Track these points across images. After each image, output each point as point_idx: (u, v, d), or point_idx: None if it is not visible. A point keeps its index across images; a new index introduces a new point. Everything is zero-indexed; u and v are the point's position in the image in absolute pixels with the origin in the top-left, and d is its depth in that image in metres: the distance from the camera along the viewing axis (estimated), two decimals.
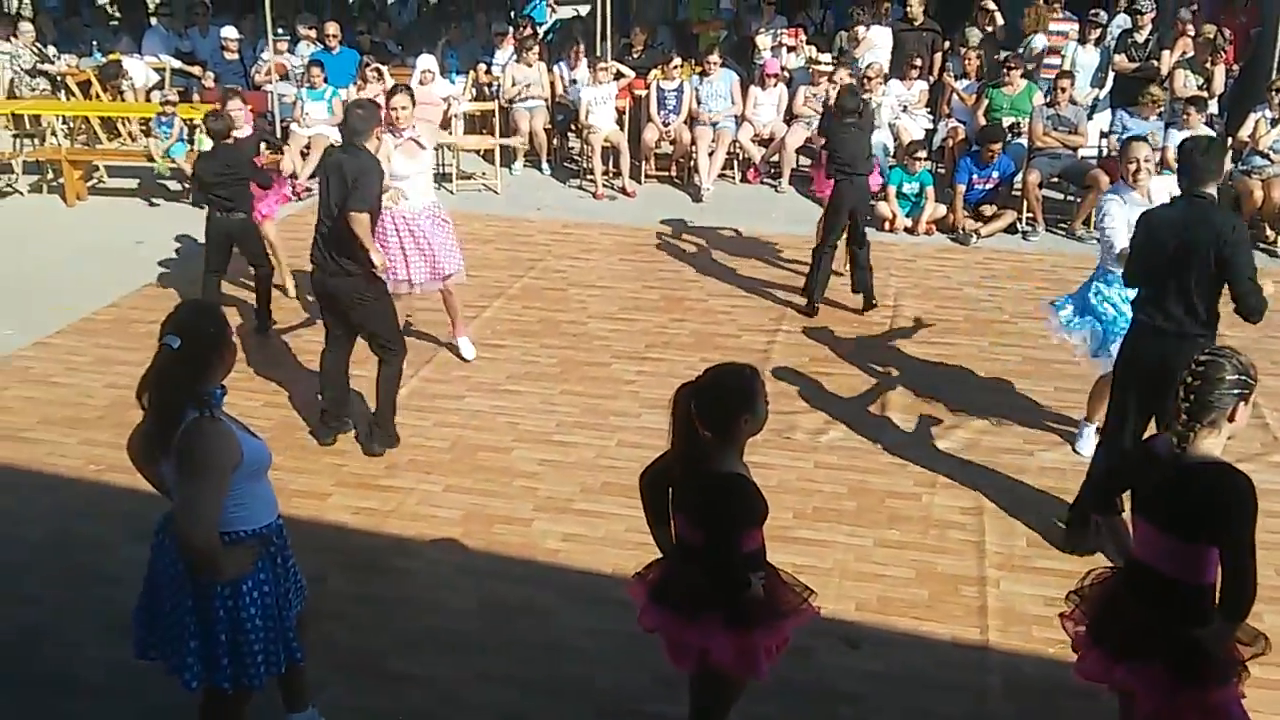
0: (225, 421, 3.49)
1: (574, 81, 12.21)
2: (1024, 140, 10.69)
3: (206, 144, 10.93)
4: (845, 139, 8.27)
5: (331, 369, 6.51)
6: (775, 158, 11.80)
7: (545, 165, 12.47)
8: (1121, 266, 5.59)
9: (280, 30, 12.60)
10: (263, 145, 9.24)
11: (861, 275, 8.54)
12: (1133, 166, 6.06)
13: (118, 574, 5.27)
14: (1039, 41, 11.78)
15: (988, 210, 10.36)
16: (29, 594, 5.19)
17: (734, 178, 12.03)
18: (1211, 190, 5.07)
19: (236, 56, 12.96)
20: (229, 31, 13.01)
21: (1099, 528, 3.84)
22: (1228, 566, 3.27)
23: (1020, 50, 11.83)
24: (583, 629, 4.95)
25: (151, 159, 11.31)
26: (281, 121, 12.11)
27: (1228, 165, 7.94)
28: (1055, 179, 10.77)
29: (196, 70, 13.39)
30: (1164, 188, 6.22)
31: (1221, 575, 3.31)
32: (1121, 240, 5.77)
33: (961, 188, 10.33)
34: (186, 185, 11.23)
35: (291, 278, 8.77)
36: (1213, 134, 9.62)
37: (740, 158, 12.01)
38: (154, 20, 14.89)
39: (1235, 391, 3.35)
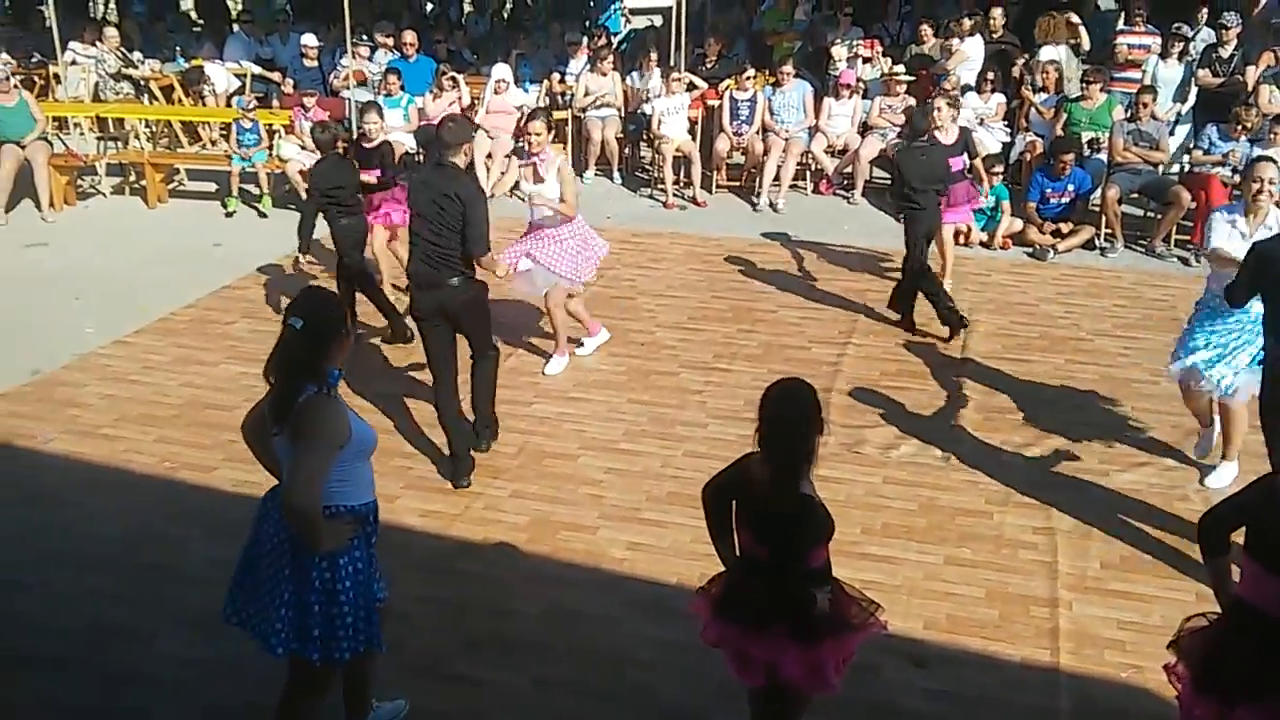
0: (339, 400, 3.70)
1: (646, 91, 12.22)
2: (1103, 155, 10.50)
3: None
4: (913, 163, 8.08)
5: (448, 407, 6.27)
6: (849, 169, 11.71)
7: (616, 174, 12.49)
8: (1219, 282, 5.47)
9: (364, 37, 12.77)
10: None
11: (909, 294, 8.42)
12: (1255, 186, 5.83)
13: (189, 571, 5.38)
14: (1046, 53, 11.58)
15: (1065, 226, 10.19)
16: (101, 588, 5.28)
17: (806, 189, 11.95)
18: None
19: (316, 63, 13.14)
20: (309, 39, 13.20)
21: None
22: None
23: (1026, 60, 11.63)
24: (646, 638, 4.93)
25: (230, 157, 11.51)
26: (358, 128, 12.24)
27: None
28: (1135, 195, 10.56)
29: (276, 76, 13.61)
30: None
31: None
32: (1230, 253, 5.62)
33: (1033, 203, 10.17)
34: (266, 190, 11.41)
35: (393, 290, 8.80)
36: None
37: (813, 169, 11.93)
38: (236, 27, 15.15)
39: None
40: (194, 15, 18.10)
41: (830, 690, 3.64)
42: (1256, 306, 5.48)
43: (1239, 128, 9.84)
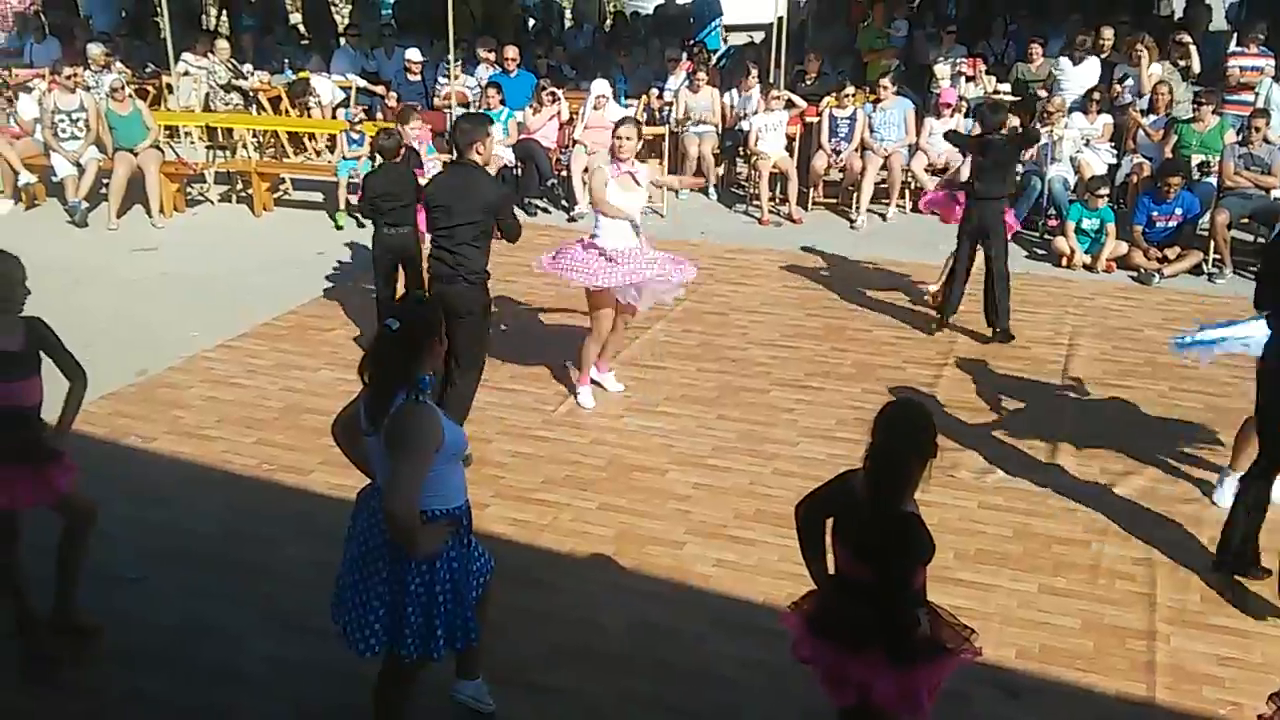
0: (432, 406, 3.77)
1: (744, 108, 12.21)
2: (1213, 179, 10.21)
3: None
4: (981, 160, 8.10)
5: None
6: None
7: (712, 190, 12.49)
8: None
9: (461, 52, 12.95)
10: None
11: (990, 304, 8.40)
12: None
13: (283, 571, 5.48)
14: (1156, 70, 11.29)
15: (1172, 250, 9.93)
16: (197, 585, 5.40)
17: (905, 207, 11.82)
18: None
19: (419, 78, 13.38)
20: (413, 54, 13.44)
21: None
22: None
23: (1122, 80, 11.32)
24: (730, 656, 4.89)
25: (336, 168, 11.74)
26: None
27: None
28: (1245, 220, 10.25)
29: (380, 89, 13.88)
30: None
31: None
32: None
33: (1139, 227, 9.94)
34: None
35: None
36: None
37: (913, 187, 11.80)
38: (342, 41, 15.49)
39: None
40: (302, 29, 18.55)
41: (922, 715, 3.59)
42: None
43: None
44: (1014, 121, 10.48)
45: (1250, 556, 5.40)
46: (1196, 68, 11.61)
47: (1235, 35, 12.26)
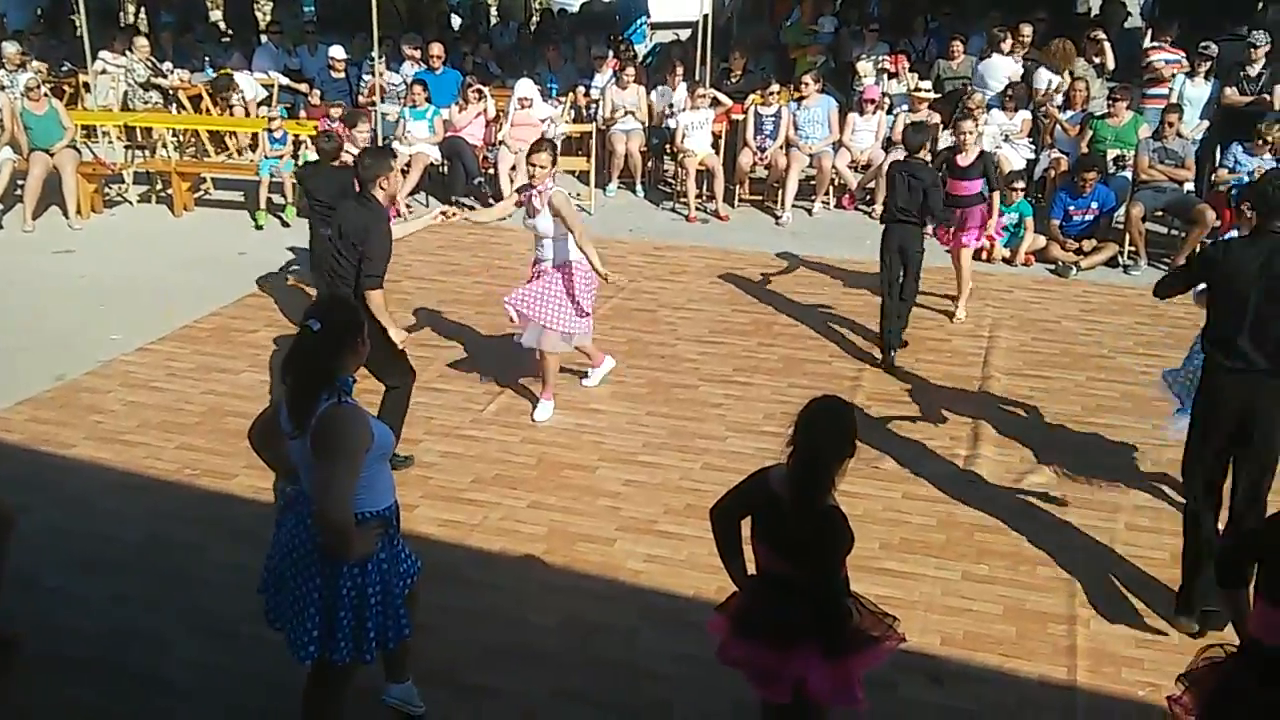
0: (358, 407, 3.72)
1: (671, 105, 12.26)
2: (1128, 173, 10.46)
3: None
4: (900, 180, 7.94)
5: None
6: (871, 184, 11.70)
7: (639, 188, 12.52)
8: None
9: (385, 49, 12.85)
10: None
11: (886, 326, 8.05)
12: None
13: (208, 577, 5.42)
14: (1042, 76, 11.55)
15: (1089, 243, 10.15)
16: (123, 593, 5.32)
17: (829, 204, 11.95)
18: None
19: (343, 75, 13.24)
20: (336, 51, 13.29)
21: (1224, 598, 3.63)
22: None
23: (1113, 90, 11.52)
24: (663, 652, 4.92)
25: (257, 166, 11.60)
26: (384, 139, 12.34)
27: None
28: (1159, 213, 10.51)
29: (303, 87, 13.72)
30: None
31: None
32: None
33: (1056, 221, 10.15)
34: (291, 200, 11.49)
35: None
36: None
37: (836, 184, 11.92)
38: (264, 38, 15.27)
39: None
40: (223, 26, 18.26)
41: (857, 705, 3.65)
42: None
43: (1263, 144, 9.78)
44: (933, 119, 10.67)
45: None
46: (1111, 64, 11.87)
47: (1150, 32, 12.58)
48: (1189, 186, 10.40)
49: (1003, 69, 11.83)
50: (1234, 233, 6.00)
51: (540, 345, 7.05)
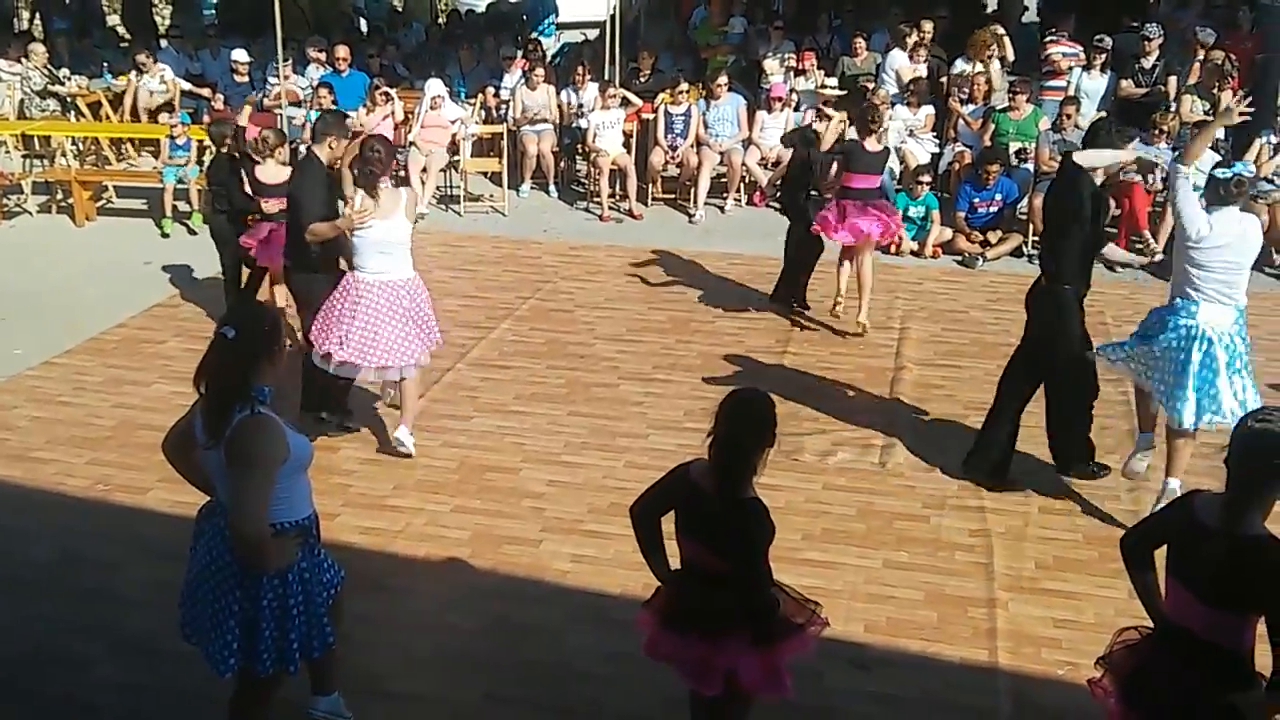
0: (274, 417, 3.64)
1: (581, 105, 12.27)
2: (1030, 165, 10.72)
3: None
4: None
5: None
6: (780, 181, 11.82)
7: (552, 188, 12.51)
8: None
9: (289, 52, 12.65)
10: None
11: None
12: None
13: (125, 595, 5.31)
14: (994, 67, 11.79)
15: (993, 234, 10.39)
16: (38, 613, 5.18)
17: (741, 201, 12.05)
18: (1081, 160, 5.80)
19: (246, 79, 13.02)
20: (239, 54, 13.06)
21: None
22: None
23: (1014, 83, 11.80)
24: (591, 650, 4.94)
25: (161, 174, 11.37)
26: (291, 143, 12.15)
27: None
28: None
29: (206, 92, 13.45)
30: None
31: (1274, 655, 3.17)
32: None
33: (962, 213, 10.37)
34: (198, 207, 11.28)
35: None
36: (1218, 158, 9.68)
37: (746, 181, 12.04)
38: (164, 42, 14.94)
39: None
40: (121, 31, 17.83)
41: (786, 693, 3.70)
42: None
43: (1159, 134, 10.09)
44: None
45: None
46: (1011, 57, 12.16)
47: (1047, 26, 12.90)
48: None
49: (907, 65, 12.03)
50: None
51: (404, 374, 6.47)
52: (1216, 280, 5.60)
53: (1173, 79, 11.27)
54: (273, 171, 8.02)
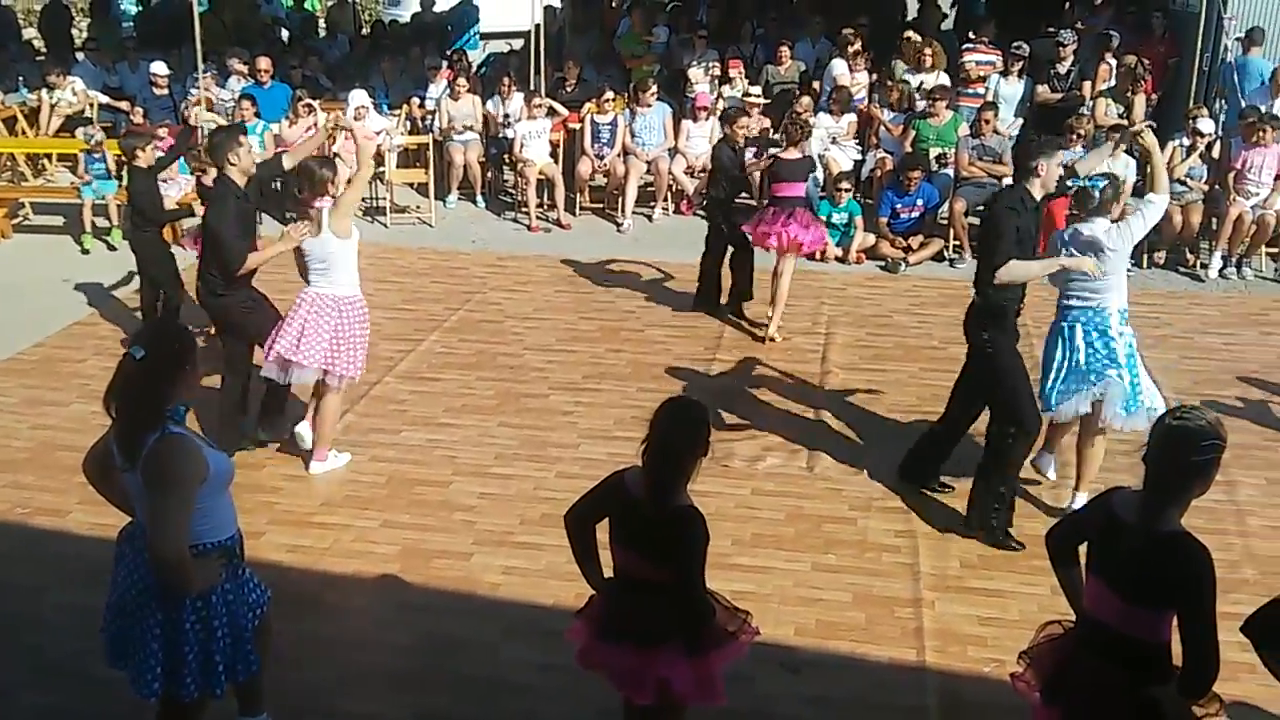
0: (189, 436, 3.58)
1: (507, 115, 12.26)
2: (950, 170, 10.90)
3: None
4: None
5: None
6: (707, 189, 11.90)
7: (480, 198, 12.48)
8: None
9: (210, 64, 12.51)
10: None
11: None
12: None
13: (48, 619, 5.20)
14: (943, 80, 11.96)
15: (915, 239, 10.55)
16: None
17: (669, 209, 12.11)
18: (1028, 182, 5.76)
19: (166, 92, 12.82)
20: (158, 67, 12.86)
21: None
22: (1192, 644, 3.21)
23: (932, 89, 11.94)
24: (524, 662, 4.94)
25: (79, 190, 11.15)
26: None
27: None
28: (981, 207, 10.95)
29: (124, 105, 13.22)
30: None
31: (1184, 651, 3.24)
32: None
33: (884, 219, 10.53)
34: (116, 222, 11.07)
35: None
36: (1134, 159, 9.94)
37: (674, 189, 12.10)
38: (81, 55, 14.66)
39: (1208, 456, 3.29)
40: (38, 44, 17.45)
41: (719, 700, 3.73)
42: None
43: (1074, 138, 10.30)
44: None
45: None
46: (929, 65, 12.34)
47: (965, 34, 13.13)
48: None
49: (846, 73, 12.12)
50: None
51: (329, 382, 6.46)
52: (1086, 288, 5.91)
53: (1088, 83, 11.53)
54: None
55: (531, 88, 12.38)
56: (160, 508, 3.46)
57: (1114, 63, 11.57)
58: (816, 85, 12.41)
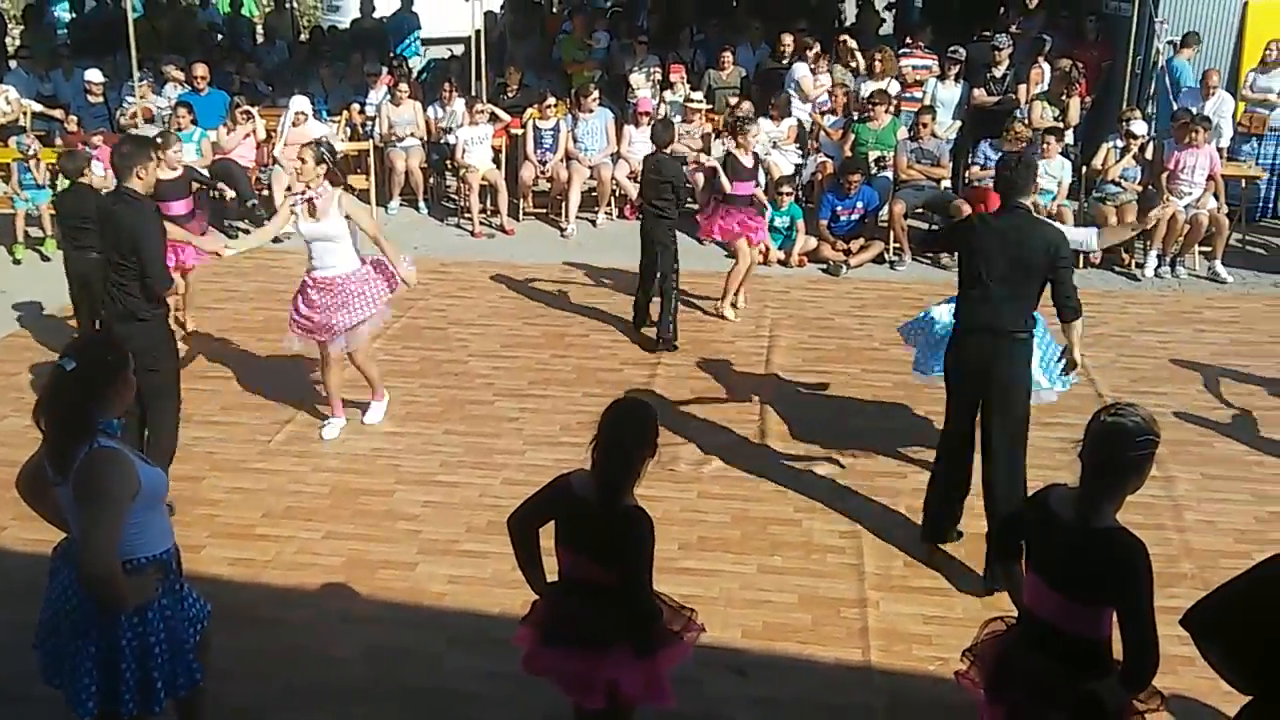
0: (121, 449, 3.52)
1: (449, 121, 12.20)
2: (889, 173, 11.00)
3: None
4: (652, 177, 8.51)
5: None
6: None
7: (422, 204, 12.41)
8: None
9: (145, 71, 12.33)
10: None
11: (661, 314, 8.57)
12: None
13: None
14: (894, 87, 12.07)
15: (856, 242, 10.64)
16: None
17: (612, 214, 12.11)
18: (1027, 201, 5.46)
19: (101, 99, 12.63)
20: (93, 74, 12.66)
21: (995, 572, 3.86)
22: (1131, 638, 3.26)
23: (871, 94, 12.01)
24: (471, 672, 4.91)
25: (11, 200, 10.94)
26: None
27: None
28: (920, 210, 11.10)
29: (58, 113, 12.98)
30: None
31: (1124, 645, 3.30)
32: None
33: (825, 222, 10.61)
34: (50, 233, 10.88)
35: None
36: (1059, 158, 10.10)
37: (617, 194, 12.11)
38: (14, 63, 14.38)
39: (1143, 453, 3.34)
40: None
41: (668, 701, 3.73)
42: None
43: (1011, 140, 10.44)
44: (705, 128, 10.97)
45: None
46: (864, 68, 12.45)
47: (903, 39, 13.26)
48: (946, 184, 11.02)
49: (799, 74, 12.18)
50: None
51: (350, 348, 7.00)
52: None
53: (1023, 87, 11.69)
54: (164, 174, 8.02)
55: (473, 93, 12.35)
56: (90, 522, 3.39)
57: (1047, 66, 11.74)
58: (756, 89, 12.46)
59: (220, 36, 16.76)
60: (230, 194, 11.46)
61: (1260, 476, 6.70)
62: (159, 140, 8.96)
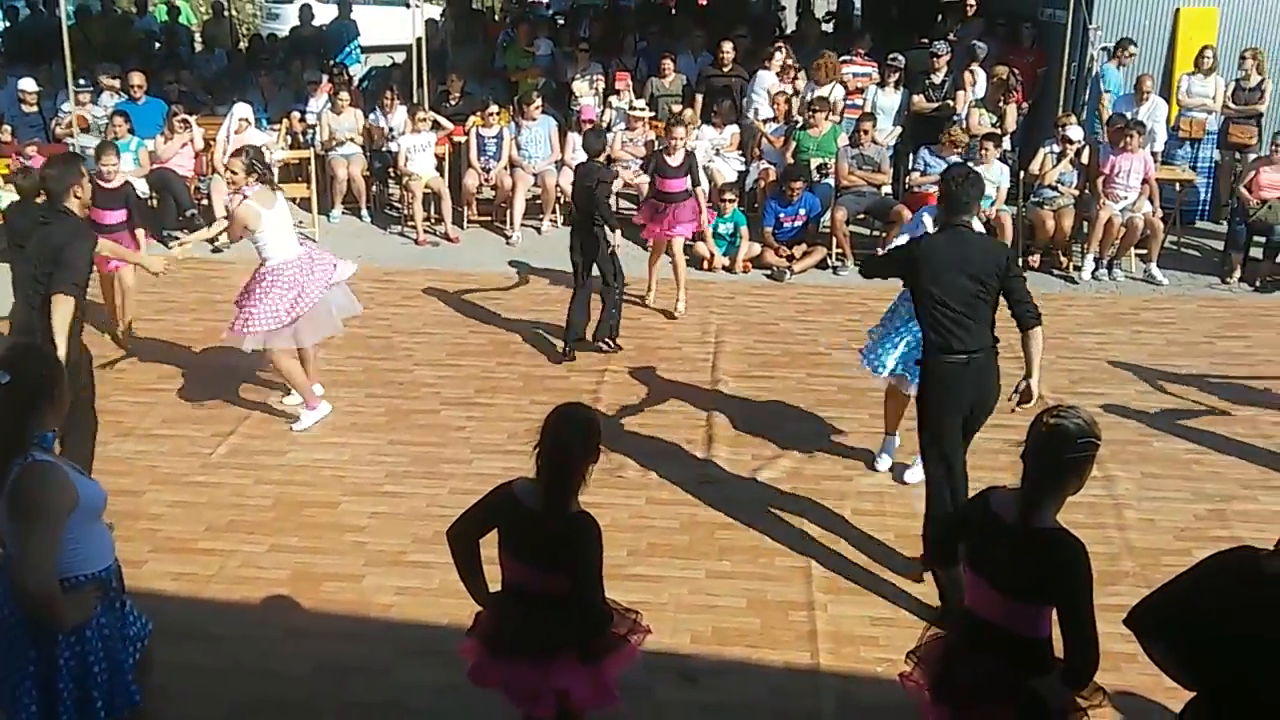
0: (57, 464, 3.45)
1: (391, 129, 12.13)
2: (831, 180, 11.09)
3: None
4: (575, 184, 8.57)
5: None
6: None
7: (365, 212, 12.32)
8: None
9: (82, 81, 12.14)
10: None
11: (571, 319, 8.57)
12: None
13: None
14: (838, 92, 12.16)
15: (799, 248, 10.72)
16: None
17: (557, 221, 12.10)
18: (968, 218, 5.39)
19: (35, 109, 12.40)
20: (26, 83, 12.43)
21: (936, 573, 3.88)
22: (1072, 636, 3.31)
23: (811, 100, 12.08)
24: (420, 685, 4.88)
25: None
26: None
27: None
28: (861, 215, 11.19)
29: None
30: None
31: (1065, 643, 3.35)
32: None
33: (768, 228, 10.68)
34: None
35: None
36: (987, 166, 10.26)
37: (562, 202, 12.10)
38: None
39: (1084, 454, 3.40)
40: None
41: (616, 703, 3.73)
42: None
43: (950, 146, 10.58)
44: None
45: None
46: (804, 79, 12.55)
47: (843, 46, 13.37)
48: (886, 189, 11.13)
49: (767, 82, 12.23)
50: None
51: (268, 347, 7.12)
52: None
53: (961, 93, 11.84)
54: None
55: (415, 101, 12.29)
56: (24, 539, 3.32)
57: (982, 73, 11.89)
58: (700, 97, 12.51)
59: (158, 45, 16.54)
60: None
61: (1199, 474, 6.83)
62: (94, 152, 8.84)
